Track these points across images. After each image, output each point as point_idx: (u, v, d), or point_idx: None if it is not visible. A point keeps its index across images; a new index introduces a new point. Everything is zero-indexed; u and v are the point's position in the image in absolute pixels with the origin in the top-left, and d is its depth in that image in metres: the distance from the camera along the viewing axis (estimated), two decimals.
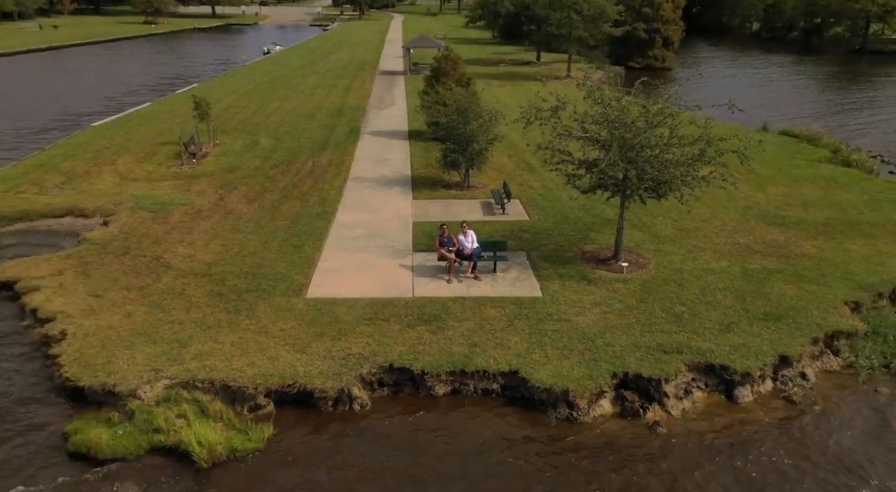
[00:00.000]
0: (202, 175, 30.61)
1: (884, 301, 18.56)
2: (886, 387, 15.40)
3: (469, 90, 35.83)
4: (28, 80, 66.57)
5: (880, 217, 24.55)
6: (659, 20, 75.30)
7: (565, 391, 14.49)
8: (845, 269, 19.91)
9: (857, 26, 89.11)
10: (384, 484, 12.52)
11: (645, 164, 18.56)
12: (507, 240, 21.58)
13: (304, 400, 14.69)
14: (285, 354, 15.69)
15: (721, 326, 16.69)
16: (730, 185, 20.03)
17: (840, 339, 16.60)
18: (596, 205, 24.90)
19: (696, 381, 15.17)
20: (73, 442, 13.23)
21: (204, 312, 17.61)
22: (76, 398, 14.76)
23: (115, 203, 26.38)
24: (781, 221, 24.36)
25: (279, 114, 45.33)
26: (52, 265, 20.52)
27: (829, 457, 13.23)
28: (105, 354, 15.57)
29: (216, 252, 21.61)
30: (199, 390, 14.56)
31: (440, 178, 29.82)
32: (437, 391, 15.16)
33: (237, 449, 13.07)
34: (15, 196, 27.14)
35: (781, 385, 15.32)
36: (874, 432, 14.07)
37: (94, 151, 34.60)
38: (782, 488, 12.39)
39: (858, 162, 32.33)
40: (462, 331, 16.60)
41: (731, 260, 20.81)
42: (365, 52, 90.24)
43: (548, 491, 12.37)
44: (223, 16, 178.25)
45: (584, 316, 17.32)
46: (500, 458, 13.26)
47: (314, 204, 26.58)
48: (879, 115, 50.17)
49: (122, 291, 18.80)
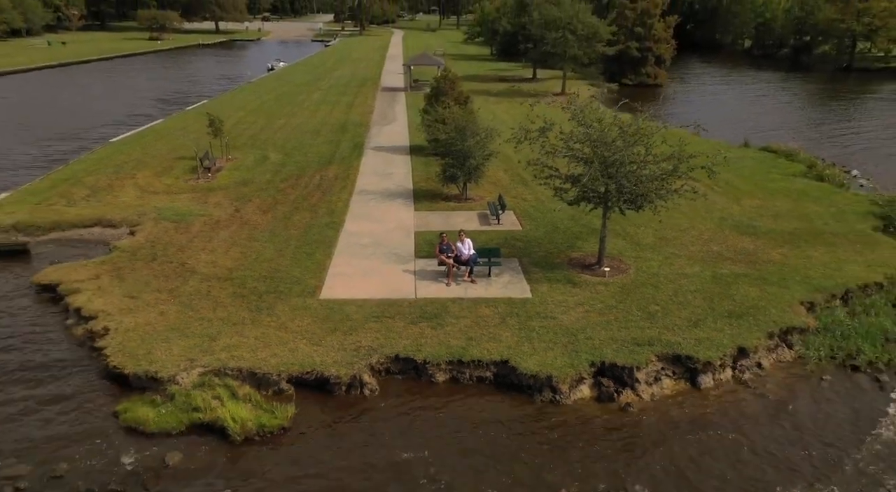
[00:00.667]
0: (217, 188, 32.81)
1: (836, 301, 20.71)
2: (830, 375, 17.52)
3: (467, 108, 38.26)
4: (43, 97, 68.95)
5: (843, 228, 26.75)
6: (651, 39, 77.88)
7: (549, 378, 16.60)
8: (805, 273, 22.09)
9: (844, 45, 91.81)
10: (392, 456, 14.59)
11: (623, 179, 20.77)
12: (501, 247, 23.76)
13: (320, 385, 16.78)
14: (303, 346, 17.80)
15: (689, 323, 18.83)
16: (700, 197, 22.14)
17: (793, 334, 18.74)
18: (583, 216, 27.02)
19: (664, 369, 17.28)
20: (124, 419, 15.33)
21: (229, 311, 19.74)
22: (121, 384, 16.84)
23: (140, 214, 28.55)
24: (753, 230, 26.55)
25: (286, 130, 47.65)
26: (89, 270, 22.67)
27: (776, 434, 15.32)
28: (145, 347, 17.68)
29: (236, 258, 23.76)
30: (229, 376, 16.66)
31: (440, 191, 32.02)
32: (437, 378, 17.27)
33: (265, 425, 15.15)
34: (47, 208, 29.33)
35: (739, 373, 17.44)
36: (815, 413, 16.15)
37: (115, 165, 36.83)
38: (735, 459, 14.47)
39: (831, 176, 34.60)
40: (459, 327, 18.73)
41: (704, 265, 22.98)
42: (366, 69, 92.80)
43: (532, 461, 14.44)
44: (226, 32, 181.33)
45: (568, 314, 19.46)
46: (492, 434, 15.34)
47: (323, 215, 28.76)
48: (857, 132, 52.57)
49: (154, 293, 20.94)
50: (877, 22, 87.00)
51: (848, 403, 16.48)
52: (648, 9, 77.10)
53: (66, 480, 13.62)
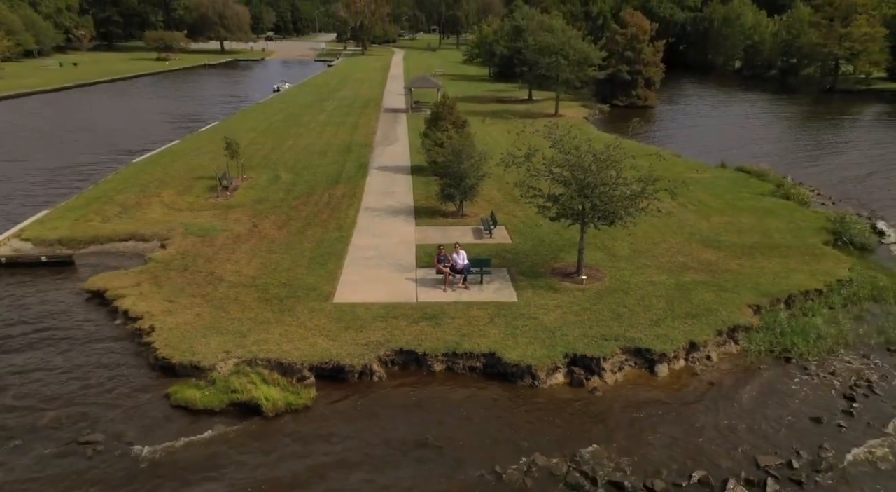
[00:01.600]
0: (236, 206, 36.06)
1: (781, 305, 23.88)
2: (767, 365, 20.66)
3: (463, 132, 41.67)
4: (63, 118, 72.48)
5: (797, 242, 29.97)
6: (641, 63, 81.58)
7: (529, 366, 19.75)
8: (756, 281, 25.29)
9: (827, 67, 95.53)
10: (399, 427, 17.68)
11: (596, 198, 24.03)
12: (492, 258, 26.95)
13: (336, 373, 19.91)
14: (321, 341, 20.95)
15: (651, 322, 21.99)
16: (664, 215, 25.40)
17: (739, 331, 21.91)
18: (566, 231, 30.07)
19: (627, 360, 20.43)
20: (175, 398, 18.45)
21: (255, 313, 22.91)
22: (168, 372, 19.96)
23: (168, 229, 31.79)
24: (717, 244, 29.76)
25: (295, 150, 51.02)
26: (130, 278, 25.87)
27: (717, 410, 18.40)
28: (187, 342, 20.84)
29: (257, 268, 26.96)
30: (260, 365, 19.78)
31: (438, 208, 35.28)
32: (435, 368, 20.41)
33: (292, 404, 18.27)
34: (85, 224, 32.57)
35: (690, 363, 20.58)
36: (751, 394, 19.26)
37: (140, 185, 40.12)
38: (683, 427, 17.56)
39: (796, 195, 37.83)
40: (454, 326, 21.88)
41: (670, 274, 26.17)
42: (369, 90, 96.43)
43: (513, 434, 17.52)
44: (231, 51, 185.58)
45: (547, 315, 22.62)
46: (481, 412, 18.44)
47: (333, 230, 31.99)
48: (829, 152, 56.02)
49: (189, 298, 24.12)
50: (857, 46, 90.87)
51: (780, 387, 19.59)
52: (638, 34, 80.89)
53: (134, 445, 16.71)
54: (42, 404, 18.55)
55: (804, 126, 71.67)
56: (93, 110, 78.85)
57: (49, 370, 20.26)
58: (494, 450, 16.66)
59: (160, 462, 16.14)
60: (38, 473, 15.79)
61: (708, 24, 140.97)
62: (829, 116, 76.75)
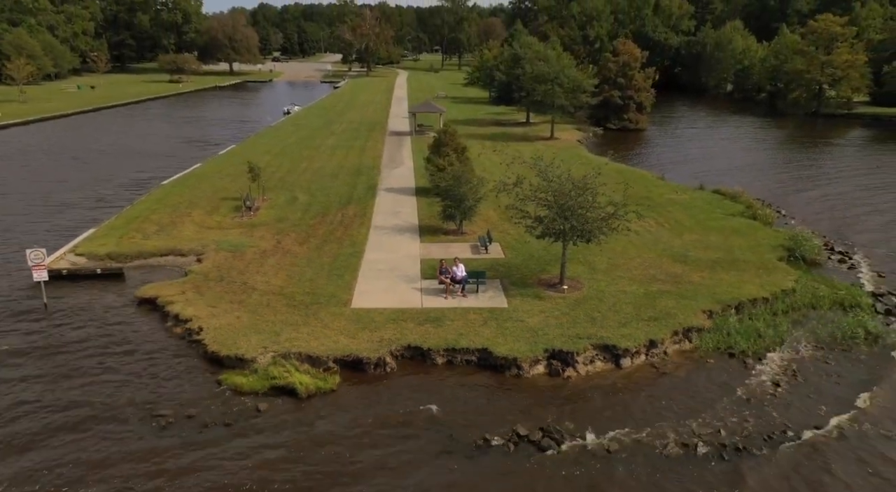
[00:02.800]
0: (259, 224, 40.38)
1: (731, 310, 28.03)
2: (713, 359, 24.79)
3: (463, 156, 46.10)
4: (89, 141, 77.19)
5: (755, 257, 34.16)
6: (632, 88, 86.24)
7: (515, 359, 23.89)
8: (713, 291, 29.47)
9: (812, 92, 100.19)
10: (409, 405, 21.78)
11: (574, 220, 28.27)
12: (487, 271, 31.15)
13: (355, 365, 24.04)
14: (342, 339, 25.13)
15: (619, 324, 26.14)
16: (633, 233, 29.62)
17: (693, 332, 26.07)
18: (553, 248, 34.22)
19: (597, 355, 24.56)
20: (225, 383, 22.61)
21: (285, 316, 27.11)
22: (216, 363, 24.12)
23: (202, 246, 36.09)
24: (685, 259, 33.95)
25: (308, 173, 55.47)
26: (175, 288, 30.13)
27: (671, 394, 22.47)
28: (231, 339, 25.03)
29: (284, 279, 31.20)
30: (292, 358, 23.92)
31: (440, 226, 39.54)
32: (437, 361, 24.55)
33: (321, 388, 22.40)
34: (129, 241, 36.89)
35: (650, 358, 24.72)
36: (697, 381, 23.36)
37: (172, 205, 44.50)
38: (642, 407, 21.62)
39: (762, 216, 42.02)
40: (454, 327, 26.05)
41: (640, 285, 30.34)
42: (374, 113, 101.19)
43: (500, 411, 21.62)
44: (239, 73, 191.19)
45: (532, 318, 26.78)
46: (475, 395, 22.55)
47: (347, 246, 36.26)
48: (802, 175, 60.41)
49: (228, 304, 28.35)
50: (839, 72, 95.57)
51: (722, 376, 23.70)
52: (629, 61, 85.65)
53: (196, 417, 20.88)
54: (116, 389, 22.71)
55: (783, 150, 76.26)
56: (115, 133, 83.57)
57: (118, 362, 24.44)
58: (485, 422, 20.76)
59: (219, 430, 20.27)
60: (123, 440, 19.91)
61: (701, 49, 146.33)
62: (807, 141, 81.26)
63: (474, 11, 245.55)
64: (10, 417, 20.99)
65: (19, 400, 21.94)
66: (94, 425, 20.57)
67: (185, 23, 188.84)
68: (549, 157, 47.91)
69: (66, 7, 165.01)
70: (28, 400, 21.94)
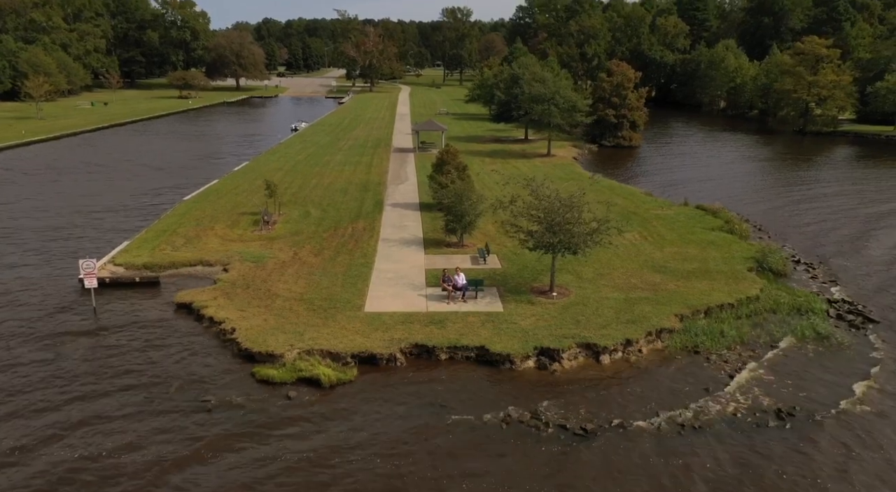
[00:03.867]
0: (277, 238, 44.14)
1: (701, 315, 31.70)
2: (681, 356, 28.43)
3: (464, 174, 49.92)
4: (112, 156, 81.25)
5: (727, 268, 37.85)
6: (626, 107, 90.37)
7: (509, 355, 27.53)
8: (685, 297, 33.15)
9: (799, 110, 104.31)
10: (419, 393, 25.41)
11: (562, 234, 32.01)
12: (485, 279, 34.84)
13: (370, 360, 27.67)
14: (358, 338, 28.79)
15: (600, 326, 29.80)
16: (622, 246, 33.31)
17: (664, 333, 29.73)
18: (545, 259, 37.93)
19: (580, 352, 28.21)
20: (258, 375, 26.24)
21: (307, 319, 30.79)
22: (248, 358, 27.78)
23: (227, 257, 39.84)
24: (663, 270, 37.64)
25: (319, 189, 59.34)
26: (207, 294, 33.86)
27: (644, 385, 26.07)
28: (261, 338, 28.71)
29: (303, 287, 34.90)
30: (315, 354, 27.60)
31: (443, 239, 43.27)
32: (441, 357, 28.19)
33: (341, 379, 26.02)
34: (160, 252, 40.66)
35: (626, 355, 28.36)
36: (664, 373, 26.96)
37: (195, 219, 48.32)
38: (619, 394, 25.22)
39: (738, 230, 45.73)
40: (455, 328, 29.72)
41: (621, 292, 34.02)
42: (379, 129, 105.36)
43: (495, 398, 25.23)
44: (246, 88, 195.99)
45: (525, 321, 30.45)
46: (473, 385, 26.18)
47: (358, 257, 39.98)
48: (780, 191, 64.21)
49: (255, 308, 32.04)
50: (825, 92, 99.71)
51: (687, 370, 27.32)
52: (623, 82, 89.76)
53: (236, 402, 24.53)
54: (164, 379, 26.37)
55: (768, 167, 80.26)
56: (132, 149, 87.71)
57: (162, 356, 28.12)
58: (481, 406, 24.39)
59: (256, 412, 23.91)
60: (178, 421, 23.55)
61: (695, 66, 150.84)
62: (792, 158, 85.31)
63: (475, 27, 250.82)
64: (74, 403, 24.66)
65: (82, 389, 25.61)
66: (148, 407, 24.22)
67: (194, 40, 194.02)
68: (542, 175, 52.03)
69: (78, 25, 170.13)
70: (85, 393, 25.61)
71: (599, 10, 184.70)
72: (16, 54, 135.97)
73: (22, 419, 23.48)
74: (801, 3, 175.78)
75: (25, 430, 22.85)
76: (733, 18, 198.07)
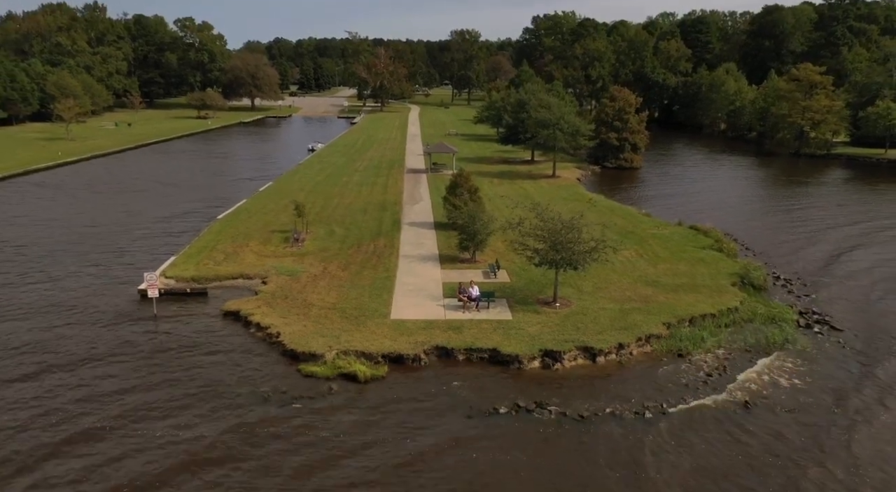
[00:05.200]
0: (307, 254, 48.81)
1: (686, 323, 36.12)
2: (666, 358, 32.83)
3: (475, 197, 54.57)
4: (140, 175, 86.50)
5: (713, 283, 42.26)
6: (627, 131, 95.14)
7: (517, 356, 32.01)
8: (673, 308, 37.58)
9: (794, 133, 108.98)
10: (440, 386, 29.87)
11: (563, 252, 36.56)
12: (496, 291, 39.35)
13: (398, 360, 32.15)
14: (386, 341, 33.31)
15: (597, 332, 34.24)
16: (615, 262, 37.82)
17: (653, 338, 34.17)
18: (550, 274, 42.30)
19: (579, 354, 32.66)
20: (303, 371, 30.79)
21: (341, 325, 35.35)
22: (293, 358, 32.33)
23: (265, 271, 44.51)
24: (655, 284, 42.07)
25: (341, 208, 64.12)
26: (252, 304, 38.51)
27: (634, 382, 30.43)
28: (303, 340, 33.27)
29: (335, 298, 39.49)
30: (351, 354, 32.11)
31: (457, 255, 47.85)
32: (458, 358, 32.67)
33: (374, 375, 30.51)
34: (205, 266, 45.40)
35: (618, 356, 32.79)
36: (651, 372, 31.34)
37: (231, 237, 53.12)
38: (614, 388, 29.61)
39: (727, 249, 50.14)
40: (471, 333, 34.23)
41: (616, 303, 38.47)
42: (392, 150, 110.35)
43: (505, 390, 29.63)
44: (261, 108, 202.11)
45: (531, 328, 34.92)
46: (487, 380, 30.61)
47: (382, 272, 44.57)
48: (770, 211, 68.69)
49: (295, 316, 36.64)
50: (818, 117, 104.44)
51: (670, 370, 31.70)
52: (624, 107, 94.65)
53: (288, 393, 29.07)
54: (224, 375, 30.93)
55: (763, 189, 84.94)
56: (161, 169, 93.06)
57: (221, 358, 32.71)
58: (494, 398, 28.84)
59: (305, 400, 28.40)
60: (240, 407, 28.07)
61: (696, 89, 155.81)
62: (786, 180, 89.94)
63: (483, 49, 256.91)
64: (164, 387, 29.25)
65: (157, 380, 30.21)
66: (215, 397, 28.77)
67: (211, 61, 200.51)
68: (547, 197, 56.68)
69: (101, 48, 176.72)
70: (155, 382, 30.21)
71: (604, 33, 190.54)
72: (44, 77, 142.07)
73: (137, 394, 28.07)
74: (801, 27, 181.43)
75: (142, 404, 27.45)
76: (736, 40, 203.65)
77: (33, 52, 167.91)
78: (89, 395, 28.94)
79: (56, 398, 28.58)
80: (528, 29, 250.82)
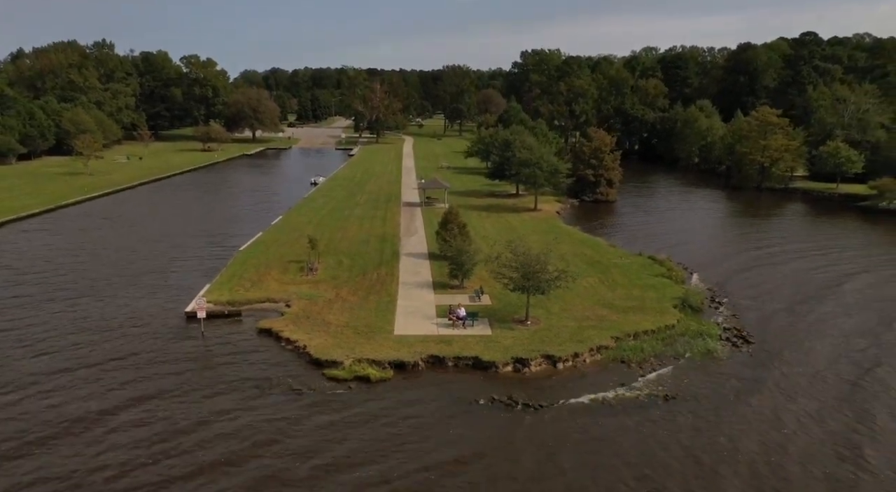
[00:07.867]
0: (320, 281, 57.63)
1: (630, 337, 45.06)
2: (613, 365, 41.69)
3: (464, 232, 63.69)
4: (162, 208, 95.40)
5: (658, 305, 51.31)
6: (603, 168, 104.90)
7: (494, 362, 40.83)
8: (621, 325, 46.56)
9: (756, 169, 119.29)
10: (435, 388, 38.58)
11: (532, 279, 45.59)
12: (479, 312, 48.24)
13: (400, 366, 40.88)
14: (391, 351, 42.07)
15: (558, 344, 43.12)
16: (571, 289, 46.91)
17: (602, 349, 43.08)
18: (524, 298, 51.21)
19: (543, 360, 41.49)
20: (327, 375, 39.48)
21: (354, 339, 44.11)
22: (318, 365, 41.02)
23: (287, 296, 53.30)
24: (611, 306, 51.08)
25: (346, 240, 73.07)
26: (281, 323, 47.26)
27: (585, 381, 39.25)
28: (326, 351, 41.99)
29: (348, 317, 48.28)
30: (364, 361, 40.82)
31: (448, 282, 56.78)
32: (448, 364, 41.44)
33: (383, 377, 39.23)
34: (236, 292, 54.15)
35: (574, 363, 41.66)
36: (599, 376, 40.15)
37: (253, 266, 61.91)
38: (561, 387, 38.40)
39: (675, 276, 59.28)
40: (459, 345, 43.04)
41: (577, 321, 47.41)
42: (389, 184, 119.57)
43: (484, 388, 38.36)
44: (261, 140, 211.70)
45: (506, 341, 43.76)
46: (470, 381, 39.35)
47: (385, 296, 53.42)
48: (724, 242, 78.20)
49: (317, 332, 45.38)
50: (776, 155, 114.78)
51: (615, 374, 40.53)
52: (600, 146, 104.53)
53: (317, 391, 37.82)
54: (265, 375, 39.59)
55: (724, 221, 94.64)
56: (178, 202, 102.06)
57: (260, 366, 41.39)
58: (476, 393, 37.59)
59: (330, 395, 37.07)
60: (278, 402, 36.68)
61: (672, 124, 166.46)
62: (744, 212, 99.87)
63: (473, 83, 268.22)
64: (221, 392, 37.84)
65: (216, 380, 38.82)
66: (259, 395, 37.42)
67: (214, 96, 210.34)
68: (527, 230, 65.74)
69: (111, 85, 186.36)
70: (215, 381, 38.83)
71: (587, 70, 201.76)
72: (59, 114, 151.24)
73: (188, 401, 36.68)
74: (773, 64, 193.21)
75: (198, 407, 36.06)
76: (714, 75, 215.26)
77: (46, 88, 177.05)
78: (177, 384, 37.68)
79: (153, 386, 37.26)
80: (516, 63, 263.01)
